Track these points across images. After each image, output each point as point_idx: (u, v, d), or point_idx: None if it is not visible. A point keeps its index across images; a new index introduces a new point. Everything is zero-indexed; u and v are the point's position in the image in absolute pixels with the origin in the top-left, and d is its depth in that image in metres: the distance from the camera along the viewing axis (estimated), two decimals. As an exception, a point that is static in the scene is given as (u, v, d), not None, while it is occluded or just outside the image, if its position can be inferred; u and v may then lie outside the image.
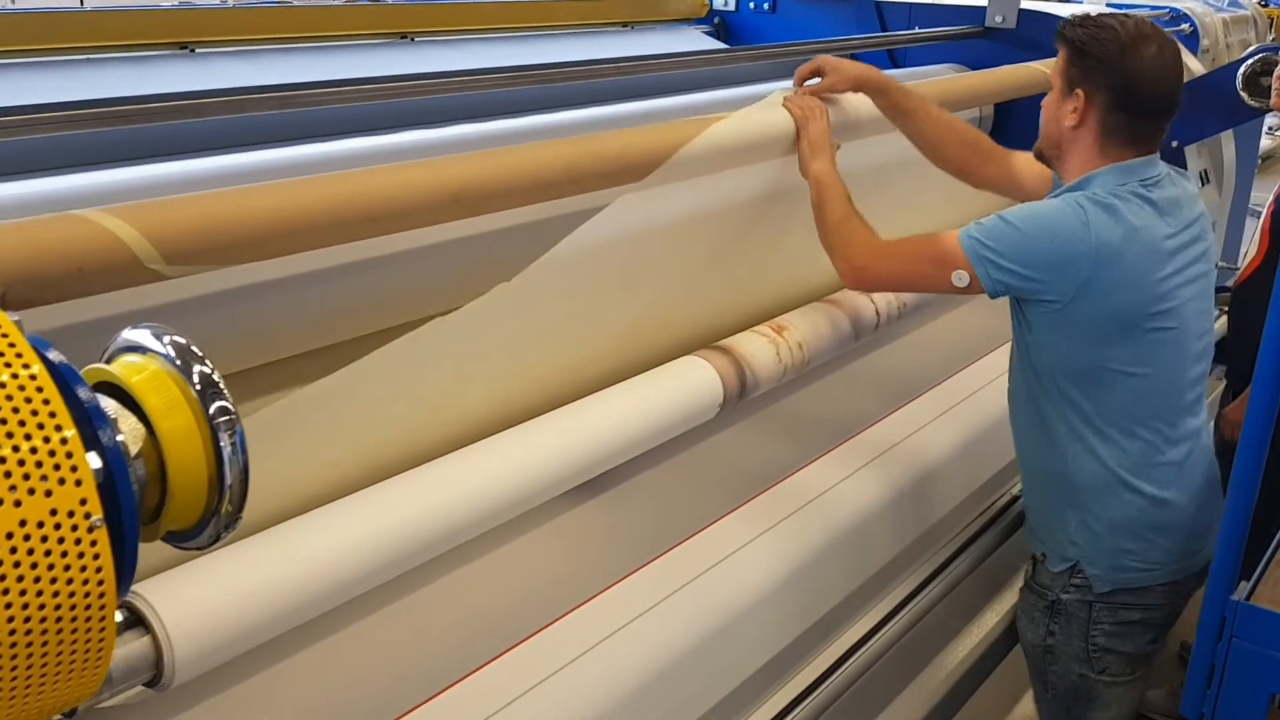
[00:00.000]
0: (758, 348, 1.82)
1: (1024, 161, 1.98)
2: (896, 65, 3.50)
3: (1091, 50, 1.64)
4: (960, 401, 2.29)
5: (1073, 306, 1.61)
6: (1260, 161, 4.94)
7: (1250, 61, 3.09)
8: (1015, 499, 2.17)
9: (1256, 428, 1.42)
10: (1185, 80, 2.69)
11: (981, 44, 3.39)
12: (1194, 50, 3.94)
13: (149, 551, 0.87)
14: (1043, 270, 1.60)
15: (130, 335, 0.80)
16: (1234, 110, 3.11)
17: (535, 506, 1.53)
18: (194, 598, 1.13)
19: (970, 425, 2.24)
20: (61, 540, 0.62)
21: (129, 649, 1.09)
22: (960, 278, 1.65)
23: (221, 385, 0.78)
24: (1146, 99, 1.65)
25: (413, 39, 2.97)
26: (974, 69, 3.20)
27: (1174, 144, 3.17)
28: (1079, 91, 1.65)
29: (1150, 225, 1.63)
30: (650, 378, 1.71)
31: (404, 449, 1.45)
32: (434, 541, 1.35)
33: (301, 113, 1.73)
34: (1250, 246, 2.89)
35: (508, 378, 1.62)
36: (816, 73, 1.99)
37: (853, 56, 3.51)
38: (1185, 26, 4.18)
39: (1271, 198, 2.85)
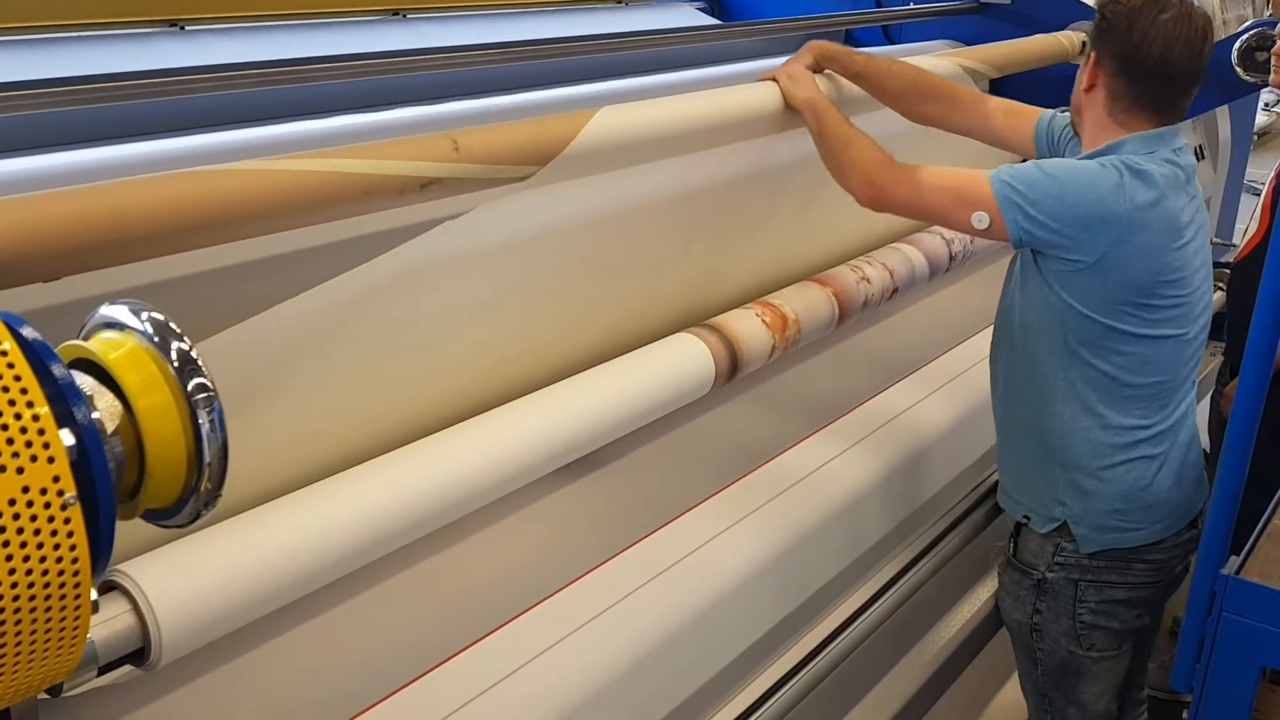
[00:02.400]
0: (748, 325, 1.82)
1: (997, 106, 1.99)
2: (892, 41, 3.48)
3: (1106, 15, 1.65)
4: (951, 380, 2.29)
5: (1096, 267, 1.59)
6: (1256, 138, 4.92)
7: (1246, 36, 3.08)
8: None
9: (1247, 403, 1.42)
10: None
11: (977, 20, 3.37)
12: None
13: (137, 530, 0.87)
14: (1073, 226, 1.58)
15: (108, 311, 0.79)
16: (1229, 85, 3.10)
17: (524, 486, 1.53)
18: (179, 576, 1.13)
19: (960, 404, 2.24)
20: (34, 518, 0.62)
21: (115, 628, 1.09)
22: (981, 219, 1.62)
23: (200, 362, 0.77)
24: (1152, 66, 1.61)
25: (405, 16, 2.94)
26: (969, 45, 3.18)
27: (1187, 114, 3.16)
28: (1092, 54, 1.67)
29: (1174, 194, 1.63)
30: (641, 355, 1.70)
31: (388, 429, 1.45)
32: (421, 521, 1.35)
33: (292, 89, 1.71)
34: (1250, 223, 2.88)
35: (493, 356, 1.62)
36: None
37: (847, 32, 3.51)
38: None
39: (1273, 174, 2.84)
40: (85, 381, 0.73)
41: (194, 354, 0.77)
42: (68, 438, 0.65)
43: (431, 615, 1.45)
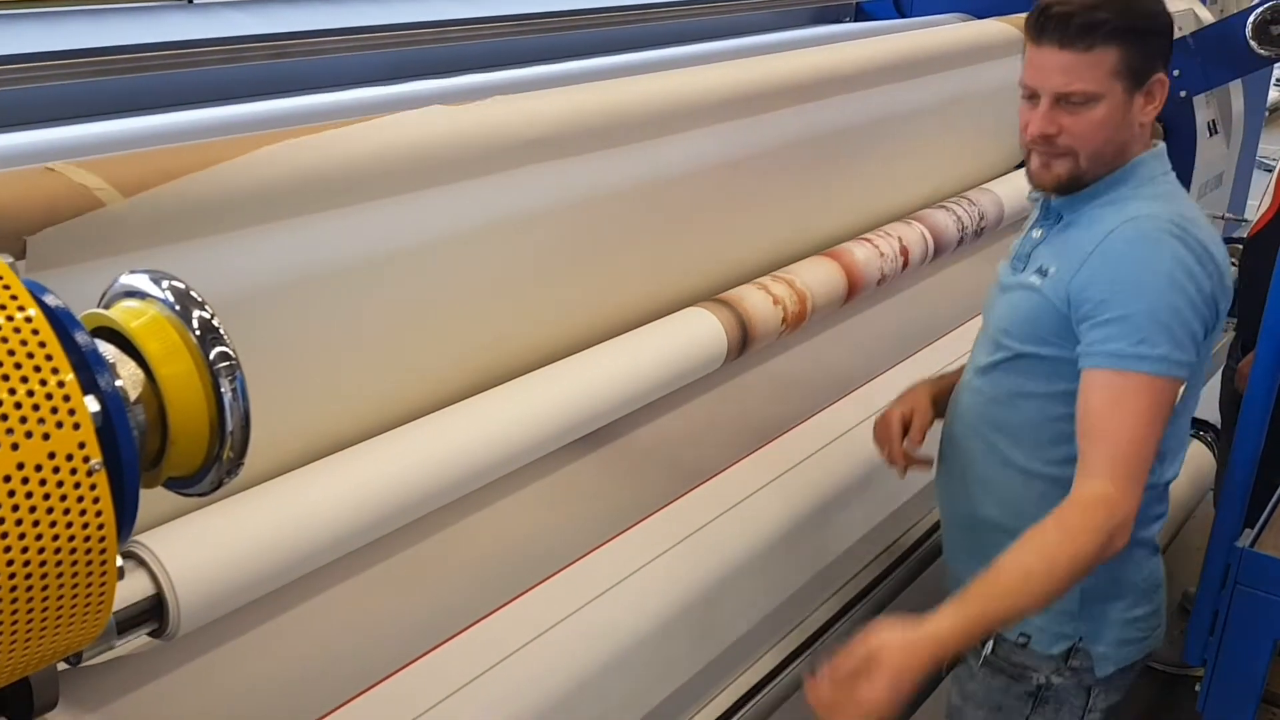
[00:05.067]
0: (758, 300, 1.81)
1: None
2: (903, 14, 3.45)
3: (1156, 29, 1.38)
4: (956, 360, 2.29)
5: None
6: (1268, 114, 4.89)
7: (1261, 10, 3.04)
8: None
9: (1263, 379, 1.41)
10: (1194, 30, 2.63)
11: (989, -8, 3.34)
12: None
13: (159, 500, 0.87)
14: (1198, 347, 1.34)
15: (128, 280, 0.79)
16: (1243, 59, 3.07)
17: (539, 459, 1.53)
18: (196, 548, 1.13)
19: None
20: (61, 484, 0.62)
21: (133, 599, 1.10)
22: (1176, 395, 1.34)
23: (222, 330, 0.77)
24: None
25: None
26: (979, 19, 3.15)
27: (1182, 94, 3.14)
28: (1159, 78, 1.37)
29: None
30: (653, 329, 1.70)
31: (403, 404, 1.45)
32: (437, 492, 1.35)
33: (300, 62, 1.70)
34: (1264, 199, 2.87)
35: (509, 330, 1.62)
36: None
37: (858, 6, 3.49)
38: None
39: (1281, 156, 2.83)
40: (108, 350, 0.73)
41: (216, 322, 0.77)
42: (92, 404, 0.65)
43: (446, 585, 1.45)
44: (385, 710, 1.29)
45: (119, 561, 0.67)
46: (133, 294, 0.79)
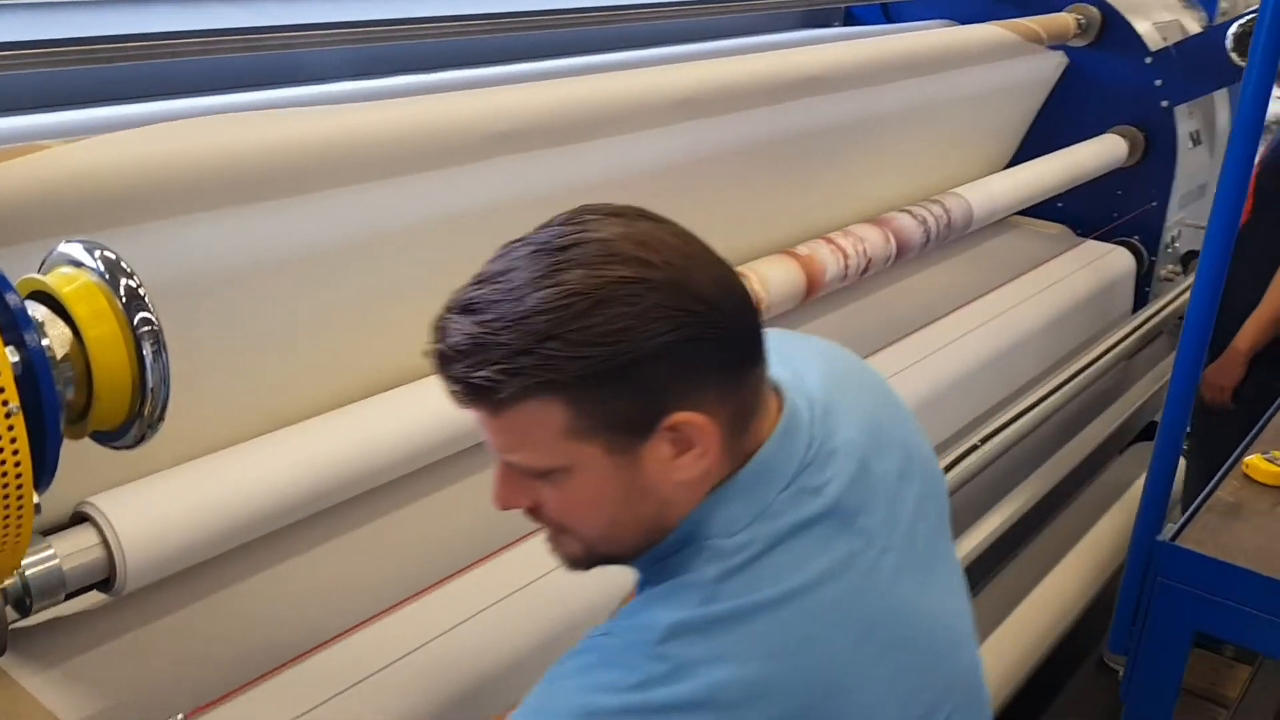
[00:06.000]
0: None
1: None
2: (890, 20, 3.51)
3: (623, 359, 0.79)
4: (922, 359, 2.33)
5: None
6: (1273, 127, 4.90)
7: (1242, 21, 3.09)
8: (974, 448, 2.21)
9: (1183, 379, 1.46)
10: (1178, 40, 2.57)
11: (975, 1, 3.39)
12: (1211, 12, 3.92)
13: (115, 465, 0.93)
14: None
15: (65, 249, 0.86)
16: (1224, 70, 3.12)
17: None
18: (145, 507, 1.20)
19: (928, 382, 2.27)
20: (-20, 426, 0.69)
21: (84, 556, 1.16)
22: None
23: (146, 298, 0.84)
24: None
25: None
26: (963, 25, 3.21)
27: (1164, 104, 3.19)
28: (682, 418, 0.82)
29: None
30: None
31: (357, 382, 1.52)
32: (386, 466, 1.42)
33: (278, 56, 1.76)
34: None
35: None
36: None
37: (847, 10, 3.54)
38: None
39: (1258, 157, 2.88)
40: (39, 311, 0.80)
41: (141, 291, 0.84)
42: (13, 355, 0.72)
43: (393, 558, 1.51)
44: (330, 672, 1.35)
45: (36, 499, 0.73)
46: (69, 262, 0.86)
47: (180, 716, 1.20)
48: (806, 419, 0.91)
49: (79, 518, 1.19)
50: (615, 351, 0.77)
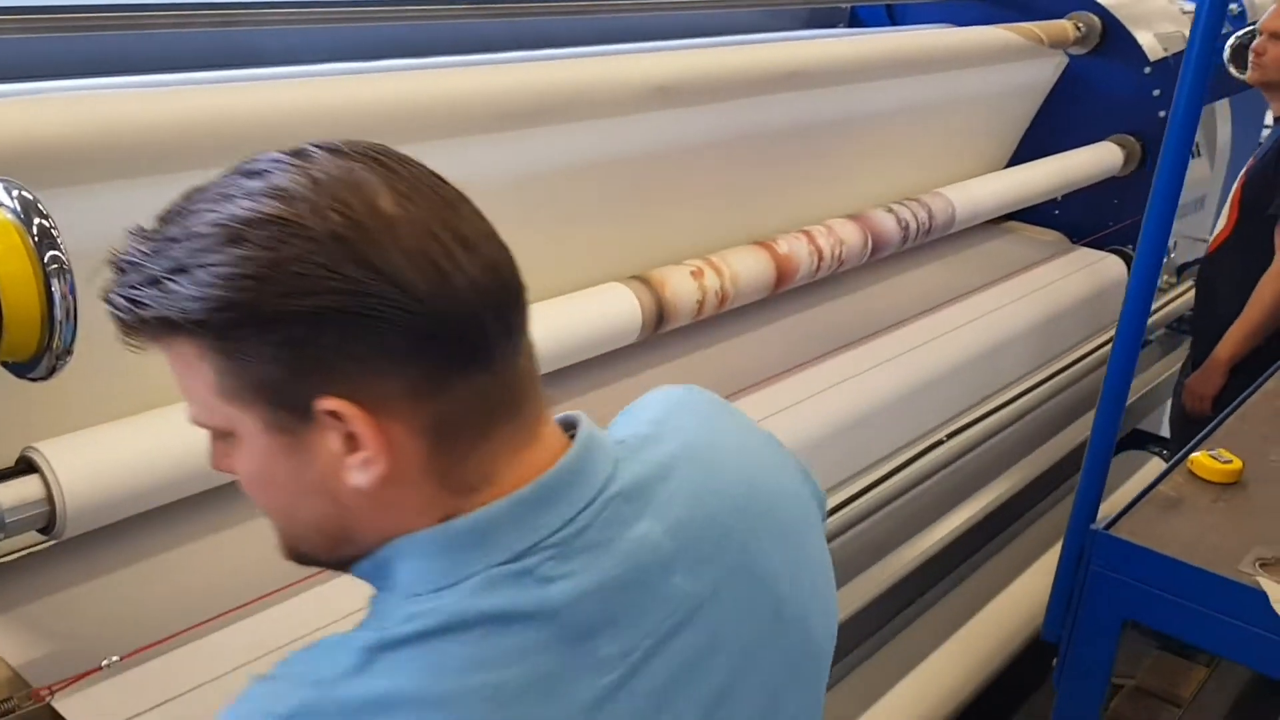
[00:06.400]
0: (678, 279, 1.90)
1: None
2: (895, 22, 3.53)
3: (267, 307, 0.65)
4: (901, 354, 2.35)
5: None
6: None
7: (1240, 33, 3.10)
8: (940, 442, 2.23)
9: (1120, 362, 1.48)
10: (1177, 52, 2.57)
11: (977, 6, 3.41)
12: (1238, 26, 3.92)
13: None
14: None
15: (-14, 192, 0.91)
16: (1223, 82, 3.12)
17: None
18: (87, 454, 1.25)
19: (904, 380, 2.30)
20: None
21: (26, 498, 1.21)
22: None
23: (58, 237, 0.88)
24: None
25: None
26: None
27: (1161, 114, 3.19)
28: (333, 406, 0.66)
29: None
30: (567, 299, 1.80)
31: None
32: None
33: (248, 33, 1.81)
34: (1219, 219, 2.92)
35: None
36: None
37: (852, 10, 3.57)
38: (1233, 7, 4.15)
39: (1244, 169, 2.88)
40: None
41: (54, 230, 0.88)
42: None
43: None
44: (272, 626, 1.39)
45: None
46: (-12, 203, 0.90)
47: (115, 658, 1.25)
48: (593, 487, 0.72)
49: (24, 463, 1.25)
50: (243, 300, 0.63)
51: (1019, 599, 2.38)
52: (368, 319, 0.63)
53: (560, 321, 1.74)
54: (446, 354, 0.66)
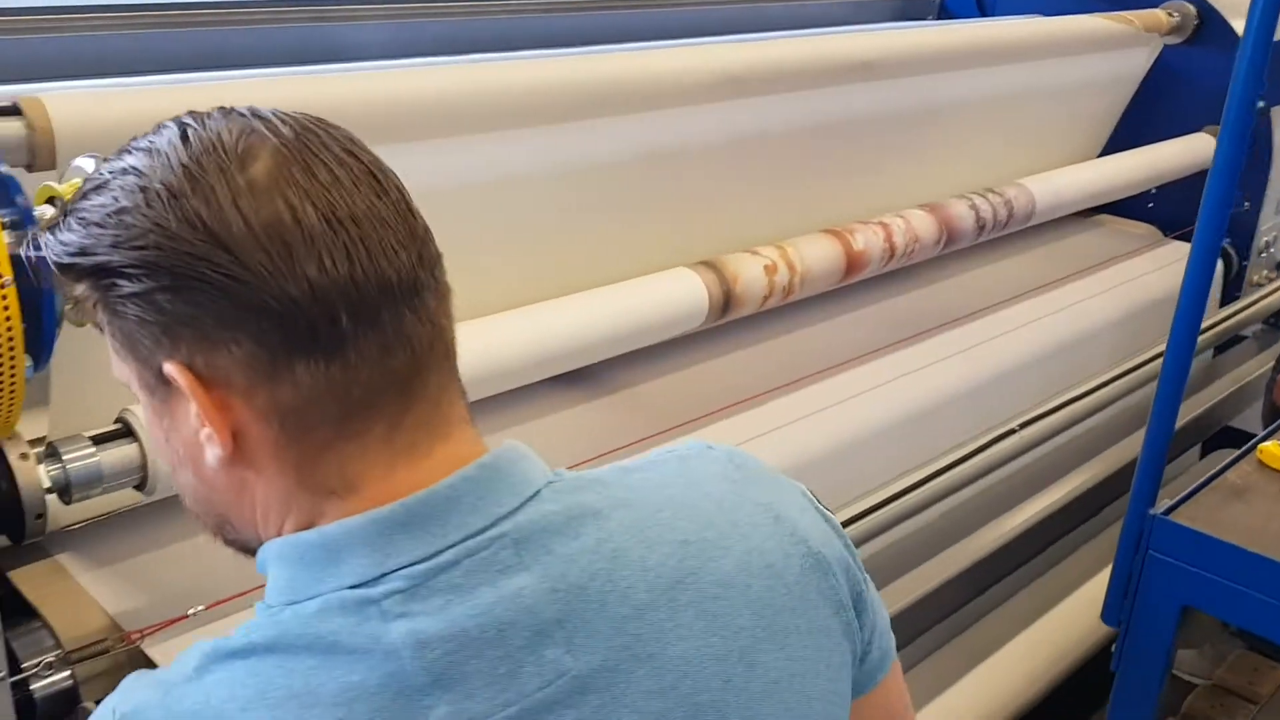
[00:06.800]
0: (746, 264, 1.94)
1: None
2: (984, 13, 3.51)
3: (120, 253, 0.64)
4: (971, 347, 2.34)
5: None
6: None
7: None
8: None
9: (1180, 347, 1.48)
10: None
11: (1068, -3, 3.37)
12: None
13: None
14: None
15: (80, 162, 0.99)
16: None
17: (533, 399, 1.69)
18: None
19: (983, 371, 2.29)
20: (-26, 294, 0.83)
21: (123, 456, 1.32)
22: None
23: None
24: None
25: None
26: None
27: (1260, 104, 3.10)
28: (173, 369, 0.65)
29: None
30: (635, 282, 1.85)
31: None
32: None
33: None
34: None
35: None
36: None
37: (942, 3, 3.55)
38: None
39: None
40: (48, 212, 0.94)
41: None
42: (8, 236, 0.85)
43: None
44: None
45: (29, 364, 0.87)
46: (83, 173, 0.99)
47: (200, 607, 1.35)
48: (475, 522, 0.64)
49: (122, 424, 1.35)
50: (86, 246, 0.63)
51: (1097, 596, 2.36)
52: (194, 280, 0.60)
53: (624, 304, 1.80)
54: (283, 335, 0.61)
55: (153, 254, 0.60)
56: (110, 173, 0.64)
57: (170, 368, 0.63)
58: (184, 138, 0.63)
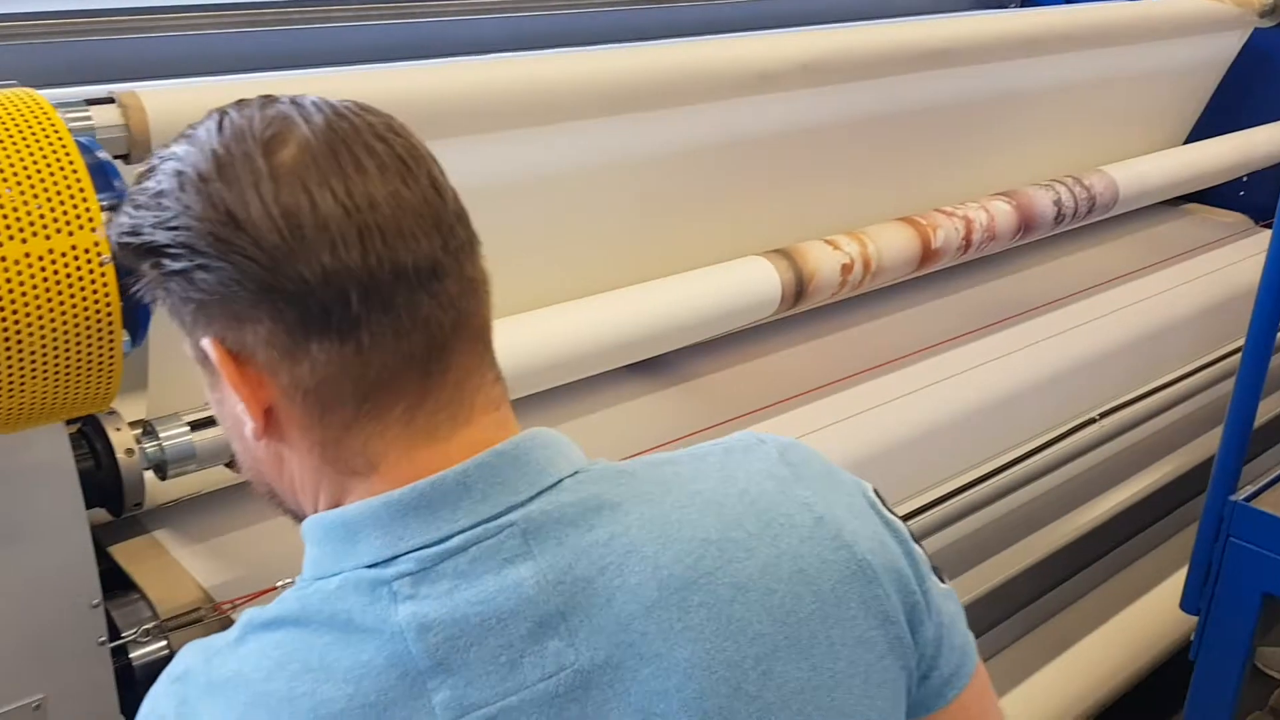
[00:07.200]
0: (820, 253, 1.94)
1: None
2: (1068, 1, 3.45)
3: (150, 236, 0.68)
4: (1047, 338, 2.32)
5: None
6: None
7: None
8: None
9: (1260, 336, 1.45)
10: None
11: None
12: None
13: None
14: None
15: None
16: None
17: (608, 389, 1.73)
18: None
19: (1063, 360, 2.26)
20: (79, 268, 0.88)
21: (212, 435, 1.38)
22: None
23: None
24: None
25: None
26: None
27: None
28: (211, 345, 0.68)
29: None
30: (709, 270, 1.87)
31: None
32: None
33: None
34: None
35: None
36: None
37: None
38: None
39: None
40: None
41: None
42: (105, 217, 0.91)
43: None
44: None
45: (126, 339, 0.92)
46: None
47: (289, 580, 1.40)
48: (488, 509, 0.65)
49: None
50: (134, 226, 0.67)
51: (1178, 591, 2.31)
52: (218, 260, 0.63)
53: (697, 291, 1.82)
54: (298, 315, 0.63)
55: (184, 234, 0.64)
56: (159, 158, 0.68)
57: (206, 343, 0.66)
58: (220, 126, 0.66)
